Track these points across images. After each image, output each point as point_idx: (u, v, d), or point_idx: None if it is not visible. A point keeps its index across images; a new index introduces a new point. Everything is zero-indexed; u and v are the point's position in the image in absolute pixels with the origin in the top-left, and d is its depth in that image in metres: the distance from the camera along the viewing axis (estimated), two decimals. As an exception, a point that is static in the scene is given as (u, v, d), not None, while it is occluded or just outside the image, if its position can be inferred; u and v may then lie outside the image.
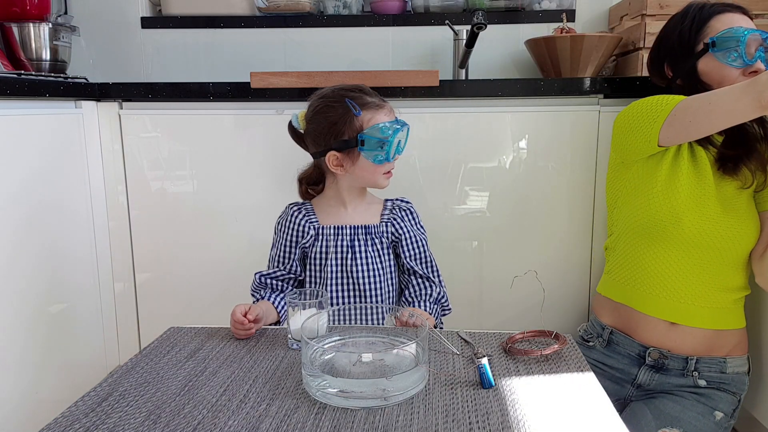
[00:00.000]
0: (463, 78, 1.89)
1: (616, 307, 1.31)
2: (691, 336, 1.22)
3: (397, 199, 1.27)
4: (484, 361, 0.88)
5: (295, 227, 1.21)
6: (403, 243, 1.23)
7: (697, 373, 1.22)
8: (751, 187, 1.20)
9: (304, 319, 0.93)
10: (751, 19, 1.22)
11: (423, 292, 1.24)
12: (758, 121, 1.20)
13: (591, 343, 1.33)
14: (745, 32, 1.16)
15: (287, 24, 2.04)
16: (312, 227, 1.21)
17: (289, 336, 1.00)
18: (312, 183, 1.27)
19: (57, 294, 1.47)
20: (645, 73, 1.57)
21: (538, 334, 1.04)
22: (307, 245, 1.21)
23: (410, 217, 1.25)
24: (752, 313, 1.38)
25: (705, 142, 1.21)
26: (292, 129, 1.23)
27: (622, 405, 1.27)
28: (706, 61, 1.21)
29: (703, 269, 1.21)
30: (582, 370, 0.91)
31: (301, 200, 1.28)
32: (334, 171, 1.18)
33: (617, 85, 1.49)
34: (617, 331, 1.29)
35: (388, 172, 1.20)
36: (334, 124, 1.15)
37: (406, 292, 1.25)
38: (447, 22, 1.90)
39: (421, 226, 1.27)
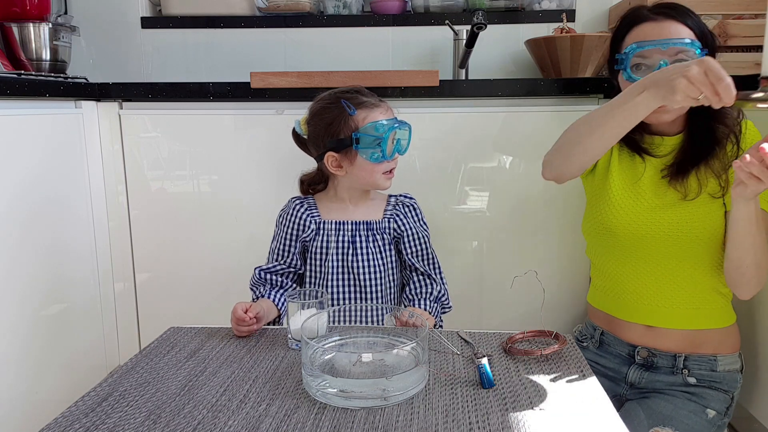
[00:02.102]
0: (463, 78, 1.89)
1: (601, 313, 1.33)
2: (670, 336, 1.22)
3: (400, 195, 1.28)
4: (484, 361, 0.88)
5: (296, 220, 1.22)
6: (405, 239, 1.23)
7: (686, 371, 1.21)
8: (694, 199, 1.14)
9: (304, 319, 0.93)
10: (688, 21, 1.11)
11: (423, 289, 1.24)
12: (723, 122, 1.14)
13: (585, 344, 1.34)
14: (636, 48, 1.11)
15: (287, 24, 2.04)
16: (313, 221, 1.21)
17: (289, 336, 1.00)
18: (313, 184, 1.27)
19: (57, 294, 1.47)
20: (645, 73, 1.58)
21: (538, 334, 1.04)
22: (307, 239, 1.21)
23: (413, 213, 1.26)
24: (745, 310, 1.38)
25: (638, 150, 1.20)
26: (295, 135, 1.25)
27: (619, 403, 1.27)
28: (621, 78, 1.17)
29: (666, 274, 1.19)
30: (582, 370, 0.91)
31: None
32: (333, 172, 1.19)
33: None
34: (607, 332, 1.30)
35: (390, 171, 1.19)
36: (329, 125, 1.16)
37: (407, 288, 1.26)
38: (447, 22, 1.90)
39: (424, 223, 1.27)
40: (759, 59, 1.56)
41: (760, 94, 0.84)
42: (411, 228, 1.23)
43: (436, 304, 1.23)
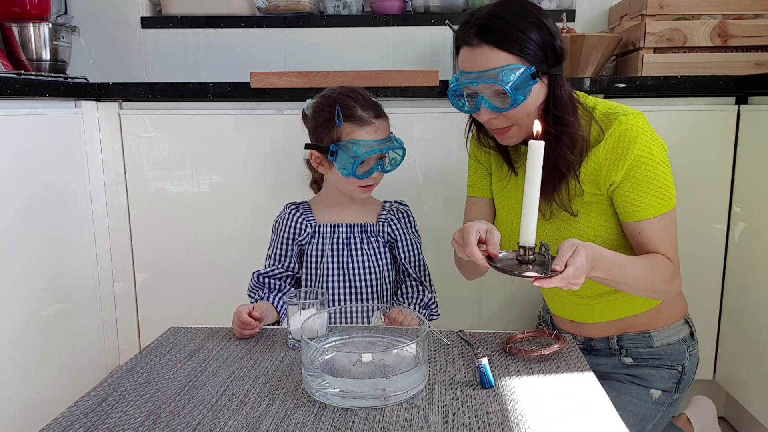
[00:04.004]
0: (463, 78, 1.89)
1: (543, 302, 1.33)
2: (593, 327, 1.19)
3: (395, 202, 1.28)
4: (484, 361, 0.88)
5: (292, 225, 1.22)
6: (399, 245, 1.24)
7: (624, 351, 1.17)
8: (549, 219, 1.08)
9: (304, 319, 0.93)
10: (506, 42, 0.97)
11: (414, 295, 1.25)
12: (561, 149, 1.03)
13: (541, 327, 1.33)
14: (457, 83, 1.03)
15: (287, 24, 2.04)
16: (309, 225, 1.22)
17: (289, 336, 1.00)
18: (313, 169, 1.28)
19: (57, 294, 1.47)
20: (645, 73, 1.57)
21: (538, 334, 1.04)
22: (303, 242, 1.22)
23: (407, 220, 1.26)
24: (741, 310, 1.38)
25: (510, 164, 1.15)
26: (304, 115, 1.25)
27: None
28: None
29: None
30: (582, 370, 0.91)
31: (299, 200, 1.29)
32: (315, 168, 1.21)
33: (617, 85, 1.49)
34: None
35: (367, 186, 1.18)
36: (317, 126, 1.17)
37: (399, 292, 1.27)
38: (447, 22, 1.90)
39: (416, 231, 1.28)
40: (759, 59, 1.56)
41: (532, 273, 0.84)
42: (404, 234, 1.24)
43: (425, 311, 1.24)
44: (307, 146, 1.19)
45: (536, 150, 0.82)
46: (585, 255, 0.88)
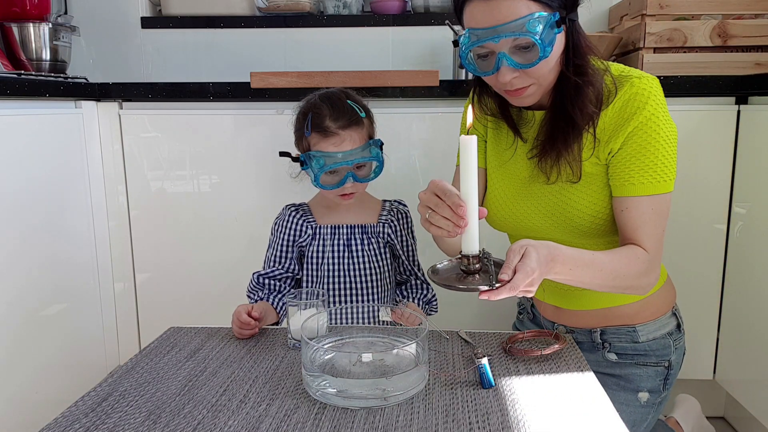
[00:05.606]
0: (463, 78, 1.89)
1: None
2: (577, 316, 1.13)
3: (395, 201, 1.28)
4: (484, 361, 0.88)
5: (292, 227, 1.22)
6: (400, 245, 1.24)
7: (608, 345, 1.11)
8: (555, 183, 1.03)
9: (304, 319, 0.93)
10: None
11: (418, 291, 1.27)
12: (579, 105, 0.96)
13: (521, 316, 1.30)
14: (470, 43, 0.92)
15: (287, 24, 2.05)
16: (309, 227, 1.22)
17: (289, 336, 1.00)
18: None
19: (57, 294, 1.47)
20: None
21: (538, 334, 1.04)
22: (303, 244, 1.22)
23: (405, 220, 1.27)
24: (744, 308, 1.38)
25: (514, 129, 1.07)
26: None
27: None
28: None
29: None
30: (582, 370, 0.91)
31: (298, 201, 1.29)
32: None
33: (617, 85, 1.49)
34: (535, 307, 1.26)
35: (345, 194, 1.17)
36: (296, 131, 1.19)
37: (403, 287, 1.28)
38: (447, 22, 1.88)
39: (412, 231, 1.28)
40: (759, 59, 1.56)
41: (479, 286, 0.79)
42: (404, 235, 1.25)
43: (426, 306, 1.26)
44: (281, 154, 1.19)
45: (469, 145, 0.75)
46: (536, 257, 0.81)
